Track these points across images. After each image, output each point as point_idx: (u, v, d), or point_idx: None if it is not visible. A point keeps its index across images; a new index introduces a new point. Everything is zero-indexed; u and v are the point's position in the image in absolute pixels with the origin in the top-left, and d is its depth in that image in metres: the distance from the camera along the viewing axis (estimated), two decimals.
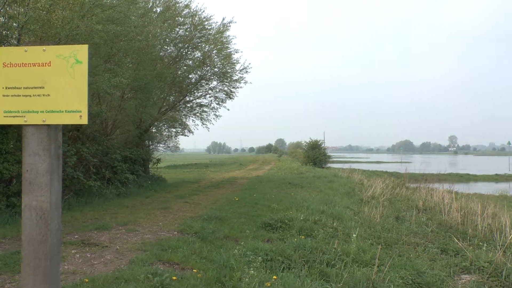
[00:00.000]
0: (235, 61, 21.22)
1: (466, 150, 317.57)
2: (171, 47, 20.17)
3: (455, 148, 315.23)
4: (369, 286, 5.94)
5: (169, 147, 25.31)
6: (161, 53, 18.87)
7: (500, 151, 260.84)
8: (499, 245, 9.07)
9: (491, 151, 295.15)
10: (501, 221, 11.85)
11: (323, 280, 6.07)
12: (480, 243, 9.71)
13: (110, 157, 14.82)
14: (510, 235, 9.89)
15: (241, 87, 22.14)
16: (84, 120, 2.57)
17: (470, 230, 11.40)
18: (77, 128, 13.23)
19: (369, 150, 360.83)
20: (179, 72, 20.35)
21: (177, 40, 19.69)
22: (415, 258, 8.06)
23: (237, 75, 21.57)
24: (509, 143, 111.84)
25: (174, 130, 24.58)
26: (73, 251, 6.63)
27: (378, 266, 6.47)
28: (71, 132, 13.16)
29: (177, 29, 19.56)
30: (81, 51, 2.56)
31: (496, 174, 65.04)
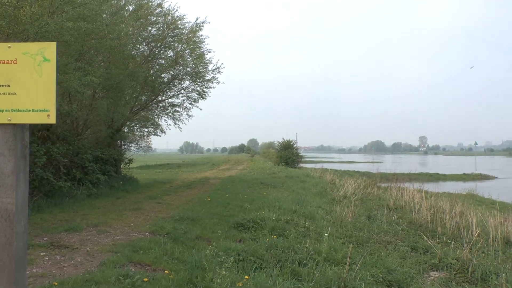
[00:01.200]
0: (207, 61, 21.15)
1: (435, 150, 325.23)
2: (144, 46, 19.94)
3: (425, 148, 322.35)
4: (341, 284, 6.01)
5: (141, 147, 25.04)
6: (133, 52, 18.63)
7: (468, 151, 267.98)
8: (466, 242, 9.33)
9: (460, 151, 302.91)
10: (468, 219, 12.21)
11: (295, 279, 6.12)
12: (448, 241, 9.99)
13: (81, 157, 14.55)
14: (476, 232, 10.19)
15: (213, 87, 22.08)
16: (52, 120, 2.52)
17: (439, 228, 11.69)
18: (47, 127, 12.94)
19: (341, 150, 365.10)
20: (151, 71, 20.13)
21: (150, 39, 19.48)
22: (386, 256, 8.20)
23: (210, 75, 21.50)
24: (476, 143, 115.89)
25: (146, 130, 24.33)
26: (42, 254, 6.48)
27: (349, 265, 6.55)
28: (40, 132, 12.85)
29: (150, 28, 19.36)
30: (49, 48, 2.51)
31: (464, 174, 66.84)
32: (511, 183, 54.56)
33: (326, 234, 8.54)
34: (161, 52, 20.46)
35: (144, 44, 19.77)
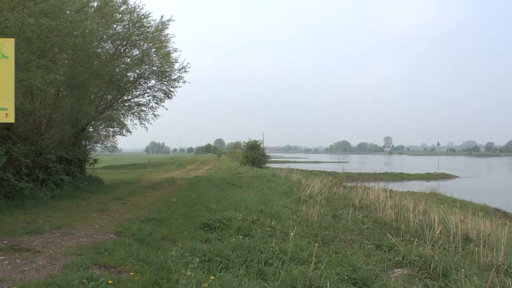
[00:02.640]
0: (173, 60, 21.00)
1: (400, 150, 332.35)
2: (109, 44, 19.64)
3: (390, 149, 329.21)
4: (306, 283, 6.13)
5: (106, 147, 24.63)
6: (98, 50, 18.32)
7: (431, 151, 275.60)
8: (428, 240, 9.66)
9: (423, 152, 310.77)
10: (431, 217, 12.63)
11: (261, 279, 6.20)
12: (412, 238, 10.30)
13: (44, 157, 14.21)
14: (438, 230, 10.54)
15: (179, 87, 21.97)
16: (11, 118, 2.50)
17: (403, 226, 12.02)
18: (7, 126, 12.59)
19: (308, 150, 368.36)
20: (117, 70, 19.85)
21: (115, 37, 19.21)
22: (351, 255, 8.40)
23: (176, 74, 21.38)
24: (438, 144, 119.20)
25: (112, 129, 23.96)
26: (1, 258, 6.32)
27: (315, 264, 6.68)
28: (0, 131, 12.50)
29: (115, 26, 19.09)
30: (7, 45, 2.49)
31: (427, 173, 68.85)
32: (471, 182, 56.59)
33: (292, 234, 8.65)
34: (127, 50, 20.22)
35: (109, 42, 19.48)
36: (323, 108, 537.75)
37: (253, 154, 47.86)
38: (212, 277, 5.69)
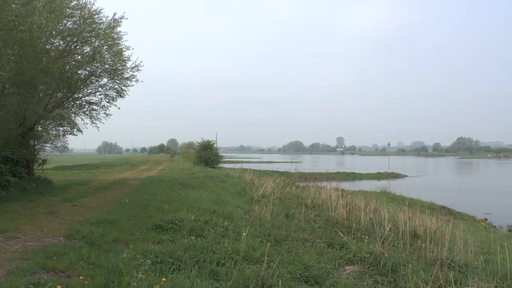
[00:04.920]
0: (126, 58, 20.61)
1: (352, 150, 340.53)
2: (59, 40, 19.02)
3: (342, 149, 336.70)
4: (259, 282, 6.24)
5: (56, 147, 23.77)
6: (47, 46, 17.72)
7: (382, 152, 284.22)
8: (378, 237, 10.04)
9: (374, 152, 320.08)
10: (381, 215, 13.09)
11: (213, 279, 6.27)
12: (363, 236, 10.68)
13: None
14: (388, 227, 10.96)
15: (132, 85, 21.62)
16: None
17: (354, 224, 12.42)
18: None
19: (261, 150, 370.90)
20: (67, 67, 19.24)
21: (65, 33, 18.62)
22: (304, 253, 8.62)
23: (129, 72, 21.00)
24: (389, 144, 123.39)
25: (62, 129, 23.17)
26: None
27: (267, 263, 6.81)
28: None
29: (65, 21, 18.48)
30: None
31: (378, 173, 71.06)
32: (419, 181, 58.86)
33: (244, 234, 8.77)
34: (78, 47, 19.67)
35: (59, 38, 18.86)
36: (276, 109, 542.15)
37: (207, 154, 47.78)
38: (164, 279, 5.70)
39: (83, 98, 21.62)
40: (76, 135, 23.71)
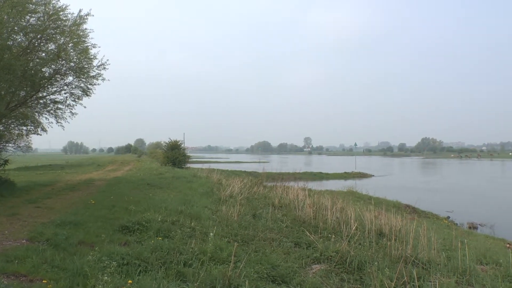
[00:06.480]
0: (92, 56, 20.22)
1: (319, 150, 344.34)
2: (21, 37, 18.50)
3: (309, 149, 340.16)
4: (225, 283, 6.29)
5: (19, 147, 23.08)
6: (9, 42, 17.21)
7: (349, 152, 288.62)
8: (345, 236, 10.26)
9: (341, 152, 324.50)
10: (348, 214, 13.33)
11: (180, 280, 6.29)
12: (329, 235, 10.86)
13: None
14: (354, 226, 11.18)
15: (98, 84, 21.16)
16: None
17: (321, 223, 12.61)
18: None
19: (229, 151, 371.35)
20: (31, 65, 18.75)
21: (28, 29, 18.13)
22: (271, 253, 8.71)
23: (95, 71, 20.56)
24: (355, 144, 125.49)
25: (25, 128, 22.52)
26: None
27: (234, 263, 6.87)
28: None
29: (28, 17, 18.02)
30: None
31: (345, 172, 72.23)
32: (385, 181, 60.16)
33: (211, 234, 8.80)
34: (42, 44, 19.18)
35: (21, 34, 18.35)
36: (244, 109, 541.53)
37: (174, 154, 47.48)
38: (130, 281, 5.67)
39: (48, 97, 21.09)
40: (41, 135, 23.12)
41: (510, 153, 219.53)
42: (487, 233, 21.91)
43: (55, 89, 20.76)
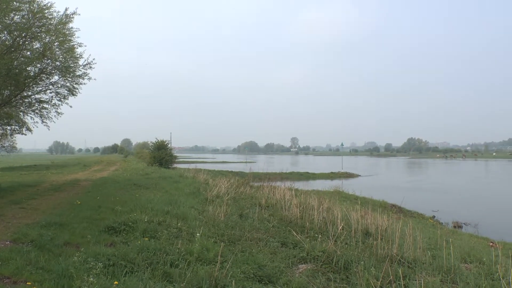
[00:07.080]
0: (78, 56, 20.07)
1: (306, 150, 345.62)
2: (5, 35, 18.28)
3: (296, 149, 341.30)
4: (212, 283, 6.29)
5: (4, 146, 22.92)
6: None
7: (335, 152, 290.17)
8: (331, 236, 10.30)
9: (328, 152, 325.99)
10: (334, 214, 13.41)
11: (167, 281, 6.27)
12: (316, 235, 10.91)
13: None
14: (341, 226, 11.25)
15: (85, 83, 21.00)
16: None
17: (307, 223, 12.65)
18: None
19: (215, 151, 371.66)
20: (15, 63, 18.52)
21: (13, 28, 17.92)
22: (257, 253, 8.72)
23: (81, 70, 20.41)
24: (342, 144, 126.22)
25: (9, 128, 22.34)
26: None
27: (221, 263, 6.87)
28: None
29: (12, 15, 17.80)
30: None
31: (332, 172, 72.61)
32: (371, 181, 60.59)
33: (198, 234, 8.79)
34: (27, 42, 18.95)
35: (5, 32, 18.13)
36: (231, 109, 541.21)
37: (161, 154, 47.40)
38: (116, 282, 5.64)
39: (33, 96, 20.89)
40: (25, 134, 22.95)
41: (494, 153, 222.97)
42: (471, 232, 22.20)
43: (41, 88, 20.58)
